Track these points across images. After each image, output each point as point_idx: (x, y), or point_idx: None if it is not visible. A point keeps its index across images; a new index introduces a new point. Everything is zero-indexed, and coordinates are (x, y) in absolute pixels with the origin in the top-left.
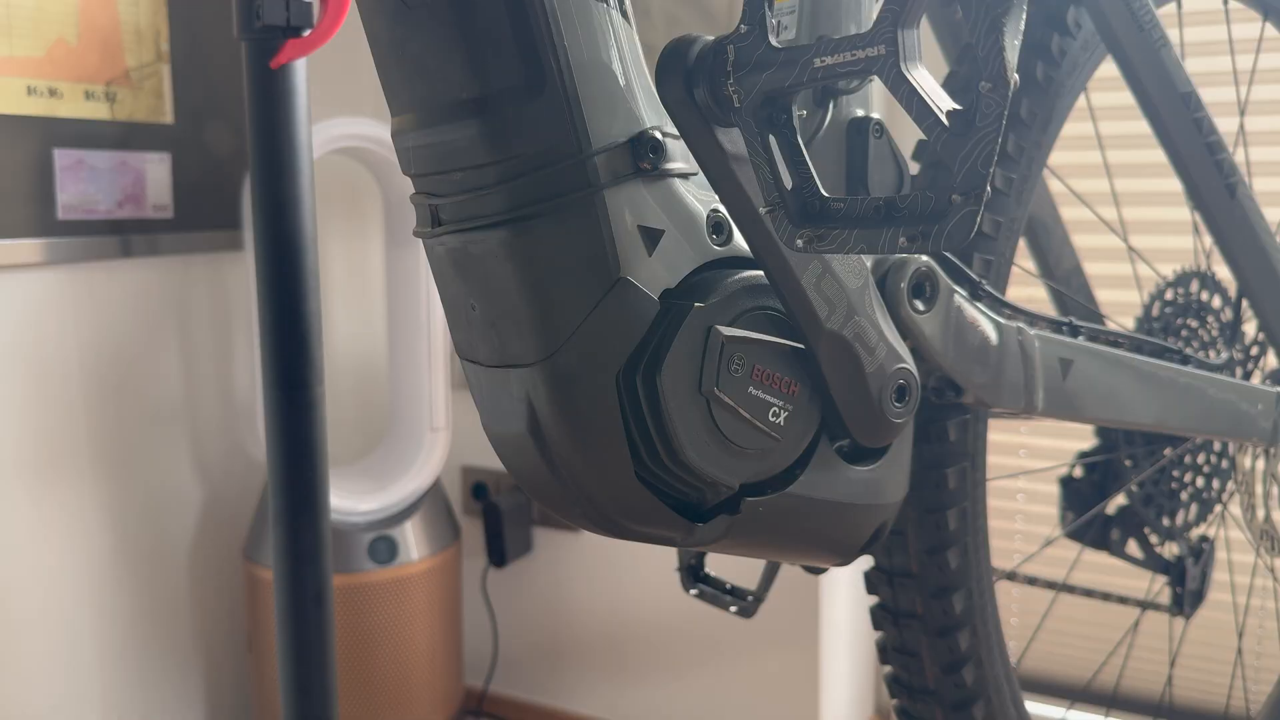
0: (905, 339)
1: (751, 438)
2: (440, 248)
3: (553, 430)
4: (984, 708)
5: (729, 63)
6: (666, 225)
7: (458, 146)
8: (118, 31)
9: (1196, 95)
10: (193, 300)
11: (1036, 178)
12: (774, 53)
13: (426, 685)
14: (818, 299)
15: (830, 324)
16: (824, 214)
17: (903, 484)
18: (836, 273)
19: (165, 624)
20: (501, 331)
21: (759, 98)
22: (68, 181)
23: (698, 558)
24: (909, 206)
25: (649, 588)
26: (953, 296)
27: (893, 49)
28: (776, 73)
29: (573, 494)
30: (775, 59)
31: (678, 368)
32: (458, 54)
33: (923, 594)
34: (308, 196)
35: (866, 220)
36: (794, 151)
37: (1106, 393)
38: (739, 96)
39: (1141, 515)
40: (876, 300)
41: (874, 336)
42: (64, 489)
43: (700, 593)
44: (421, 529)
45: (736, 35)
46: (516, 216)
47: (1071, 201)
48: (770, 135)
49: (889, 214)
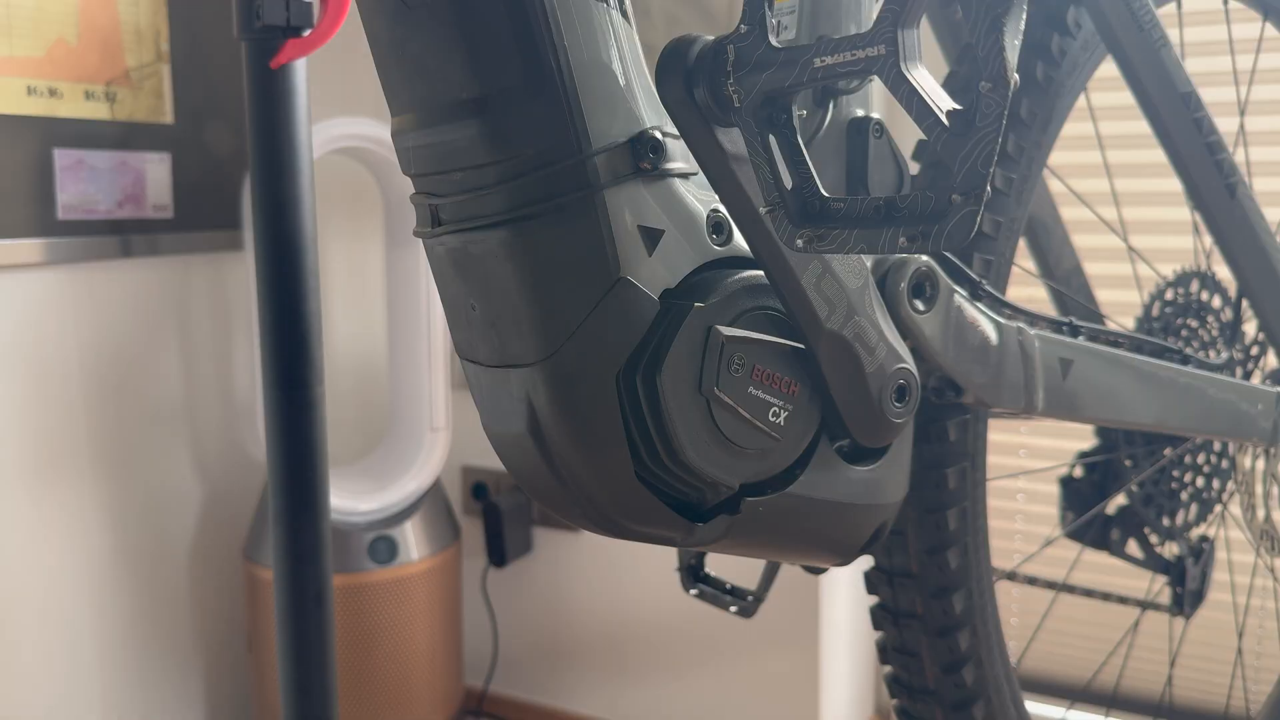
0: (905, 339)
1: (751, 438)
2: (440, 248)
3: (553, 430)
4: (984, 708)
5: (729, 63)
6: (666, 225)
7: (458, 146)
8: (118, 31)
9: (1196, 95)
10: (193, 300)
11: (1036, 178)
12: (774, 53)
13: (426, 685)
14: (818, 299)
15: (830, 324)
16: (824, 214)
17: (903, 484)
18: (836, 273)
19: (165, 624)
20: (501, 331)
21: (759, 97)
22: (68, 181)
23: (698, 557)
24: (909, 206)
25: (649, 588)
26: (953, 296)
27: (893, 49)
28: (776, 73)
29: (573, 494)
30: (775, 59)
31: (678, 368)
32: (458, 54)
33: (923, 594)
34: (308, 196)
35: (866, 220)
36: (794, 151)
37: (1106, 393)
38: (739, 96)
39: (1141, 515)
40: (876, 300)
41: (874, 336)
42: (64, 489)
43: (700, 593)
44: (421, 529)
45: (736, 35)
46: (516, 216)
47: (1071, 201)
48: (770, 135)
49: (889, 214)
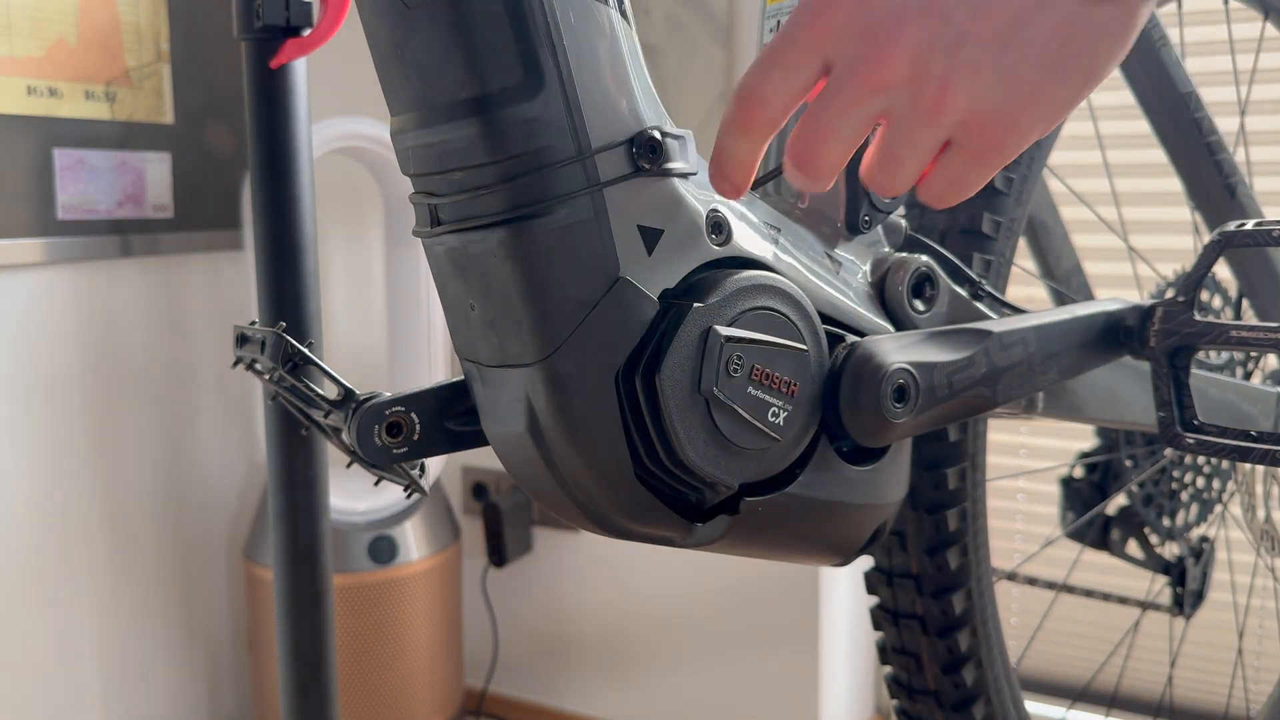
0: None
1: (751, 438)
2: (439, 248)
3: (552, 430)
4: (984, 708)
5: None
6: (666, 225)
7: (457, 146)
8: (118, 31)
9: (1197, 95)
10: (193, 300)
11: (1036, 178)
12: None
13: (426, 685)
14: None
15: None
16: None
17: (903, 484)
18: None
19: (165, 624)
20: (500, 331)
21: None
22: (68, 181)
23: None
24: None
25: (649, 588)
26: (952, 296)
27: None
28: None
29: (572, 494)
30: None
31: (677, 368)
32: (457, 54)
33: (922, 594)
34: (308, 196)
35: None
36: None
37: (1106, 393)
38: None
39: (1142, 515)
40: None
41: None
42: (64, 488)
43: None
44: (421, 529)
45: (1167, 301)
46: (516, 216)
47: (1072, 201)
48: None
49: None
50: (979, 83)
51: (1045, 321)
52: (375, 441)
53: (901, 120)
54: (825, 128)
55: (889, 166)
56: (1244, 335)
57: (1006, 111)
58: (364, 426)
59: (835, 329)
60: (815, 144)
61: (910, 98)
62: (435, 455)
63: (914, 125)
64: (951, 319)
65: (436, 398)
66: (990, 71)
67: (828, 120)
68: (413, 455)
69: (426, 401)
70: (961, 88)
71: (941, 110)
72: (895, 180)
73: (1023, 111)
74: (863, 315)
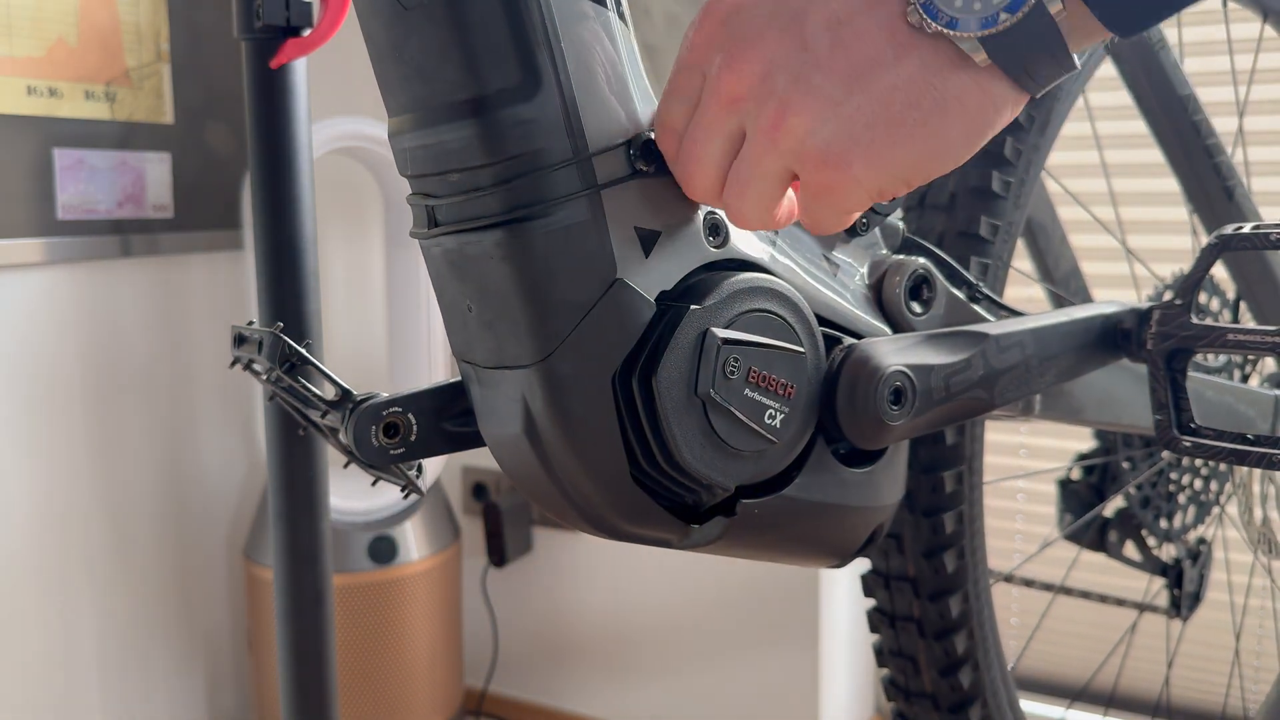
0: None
1: (747, 440)
2: (437, 249)
3: (548, 432)
4: (980, 710)
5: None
6: (663, 227)
7: (454, 147)
8: (118, 31)
9: (1195, 97)
10: (193, 300)
11: (1034, 180)
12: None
13: (426, 685)
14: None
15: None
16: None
17: (899, 486)
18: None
19: (165, 624)
20: (498, 333)
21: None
22: (68, 181)
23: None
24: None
25: (649, 588)
26: (950, 299)
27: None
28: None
29: (568, 496)
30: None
31: (673, 370)
32: (455, 55)
33: (920, 597)
34: (308, 196)
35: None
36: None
37: (1104, 395)
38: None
39: (1139, 517)
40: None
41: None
42: (64, 488)
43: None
44: (421, 529)
45: (1165, 304)
46: (513, 218)
47: (1069, 201)
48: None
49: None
50: (816, 114)
51: (1043, 324)
52: (372, 442)
53: (748, 141)
54: (691, 146)
55: (733, 188)
56: (1241, 338)
57: (838, 153)
58: (361, 427)
59: (832, 331)
60: (688, 164)
61: (754, 115)
62: (432, 456)
63: (756, 146)
64: (949, 321)
65: (434, 398)
66: (829, 107)
67: (694, 138)
68: (410, 456)
69: (423, 402)
70: (800, 115)
71: (779, 131)
72: (742, 205)
73: (855, 157)
74: (860, 317)
